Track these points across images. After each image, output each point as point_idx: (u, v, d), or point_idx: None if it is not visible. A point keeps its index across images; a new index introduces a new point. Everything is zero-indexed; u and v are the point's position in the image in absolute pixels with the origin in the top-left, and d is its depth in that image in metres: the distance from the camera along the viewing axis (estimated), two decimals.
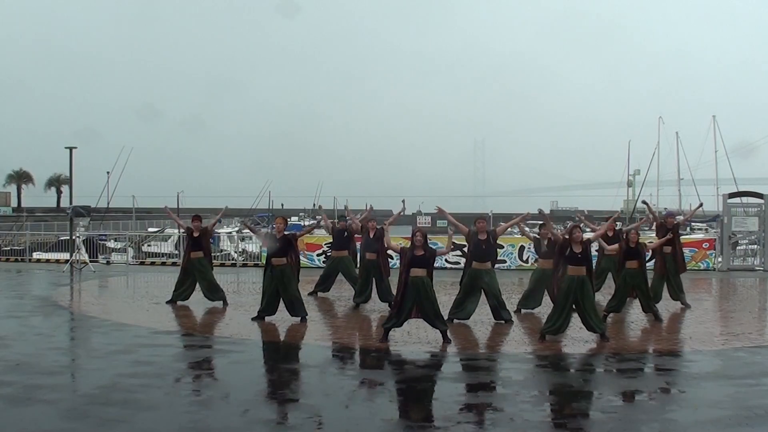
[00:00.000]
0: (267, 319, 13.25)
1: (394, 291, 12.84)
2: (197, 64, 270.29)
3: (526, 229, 15.66)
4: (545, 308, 14.47)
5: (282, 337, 12.19)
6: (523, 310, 14.55)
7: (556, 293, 12.23)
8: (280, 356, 11.18)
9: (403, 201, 16.83)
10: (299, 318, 13.19)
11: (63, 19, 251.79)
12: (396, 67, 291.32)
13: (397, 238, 26.16)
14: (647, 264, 14.21)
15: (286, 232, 13.36)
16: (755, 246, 25.76)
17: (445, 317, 11.99)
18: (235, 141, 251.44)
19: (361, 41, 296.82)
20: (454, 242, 12.52)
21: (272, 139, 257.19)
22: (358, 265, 16.29)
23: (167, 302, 15.52)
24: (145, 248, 31.26)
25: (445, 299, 16.25)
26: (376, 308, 15.04)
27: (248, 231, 22.45)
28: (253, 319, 13.34)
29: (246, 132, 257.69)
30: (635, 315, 14.09)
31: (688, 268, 23.74)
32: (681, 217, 19.20)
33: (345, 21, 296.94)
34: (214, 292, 15.55)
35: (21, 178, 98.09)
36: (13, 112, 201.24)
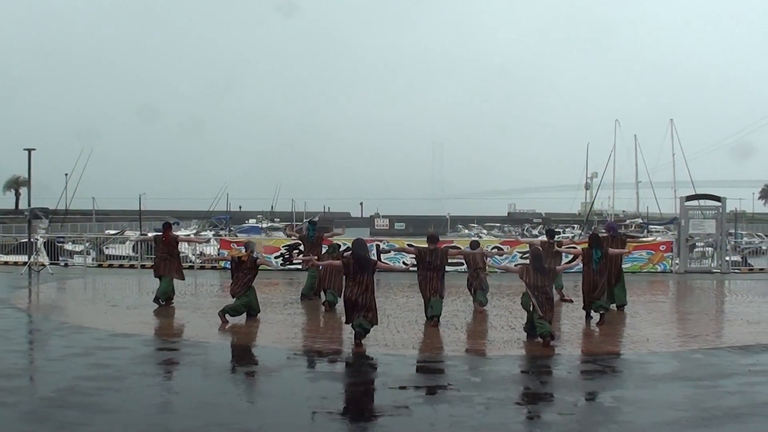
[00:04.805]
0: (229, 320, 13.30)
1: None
2: (196, 64, 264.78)
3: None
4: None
5: (240, 340, 12.15)
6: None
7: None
8: (238, 359, 11.10)
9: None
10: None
11: (63, 20, 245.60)
12: (353, 72, 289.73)
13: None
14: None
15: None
16: (711, 248, 26.18)
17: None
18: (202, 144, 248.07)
19: (323, 48, 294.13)
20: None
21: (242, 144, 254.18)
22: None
23: (154, 301, 15.53)
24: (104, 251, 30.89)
25: (402, 301, 16.35)
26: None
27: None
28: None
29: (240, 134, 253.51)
30: (595, 318, 14.16)
31: (644, 270, 24.20)
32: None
33: (312, 29, 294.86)
34: (168, 293, 15.68)
35: None
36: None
